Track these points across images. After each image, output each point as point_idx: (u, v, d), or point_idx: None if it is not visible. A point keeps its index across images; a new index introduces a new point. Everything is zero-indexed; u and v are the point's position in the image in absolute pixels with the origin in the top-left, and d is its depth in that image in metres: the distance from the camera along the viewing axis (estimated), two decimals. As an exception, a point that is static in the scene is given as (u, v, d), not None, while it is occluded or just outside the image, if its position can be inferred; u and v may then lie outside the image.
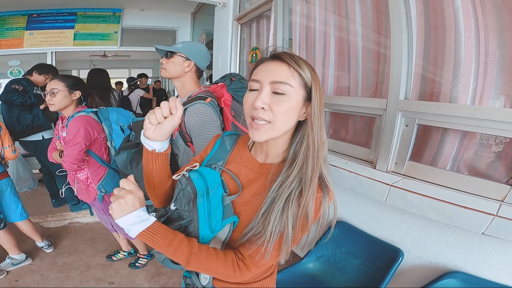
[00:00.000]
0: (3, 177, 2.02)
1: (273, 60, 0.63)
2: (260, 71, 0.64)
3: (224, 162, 0.76)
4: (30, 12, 3.74)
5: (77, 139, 1.56)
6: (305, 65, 0.63)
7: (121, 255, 2.25)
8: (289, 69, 0.61)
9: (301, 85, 0.62)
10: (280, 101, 0.60)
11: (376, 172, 1.29)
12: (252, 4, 2.43)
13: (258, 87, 0.63)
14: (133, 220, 0.60)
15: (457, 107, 1.05)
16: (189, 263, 0.62)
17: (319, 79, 0.65)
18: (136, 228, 0.60)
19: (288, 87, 0.60)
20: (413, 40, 1.17)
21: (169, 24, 4.27)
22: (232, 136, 0.81)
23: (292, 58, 0.62)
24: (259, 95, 0.61)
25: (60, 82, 1.60)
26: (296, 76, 0.61)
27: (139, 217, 0.61)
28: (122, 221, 0.60)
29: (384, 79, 1.35)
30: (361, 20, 1.45)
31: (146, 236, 0.61)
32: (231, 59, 2.75)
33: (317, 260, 1.52)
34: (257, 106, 0.60)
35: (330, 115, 1.71)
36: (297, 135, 0.67)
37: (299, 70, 0.61)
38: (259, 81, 0.62)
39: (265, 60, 0.65)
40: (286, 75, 0.61)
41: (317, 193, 0.64)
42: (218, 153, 0.78)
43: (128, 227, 0.60)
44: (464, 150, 1.11)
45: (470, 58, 1.05)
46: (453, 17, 1.07)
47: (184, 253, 0.62)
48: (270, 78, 0.61)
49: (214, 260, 0.63)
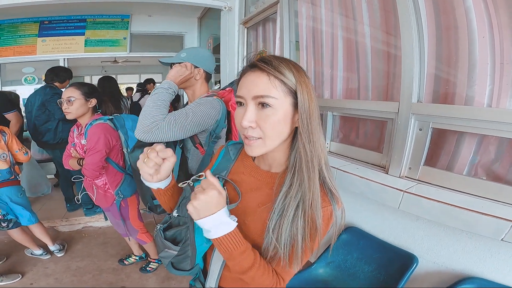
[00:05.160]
0: (13, 184, 2.07)
1: (253, 70, 0.60)
2: (243, 84, 0.61)
3: (228, 172, 0.75)
4: (42, 19, 3.84)
5: (98, 146, 1.59)
6: (286, 68, 0.58)
7: (132, 259, 2.28)
8: (269, 78, 0.57)
9: (286, 92, 0.58)
10: (266, 117, 0.58)
11: (388, 178, 1.25)
12: (257, 8, 2.43)
13: (243, 102, 0.60)
14: (217, 222, 0.57)
15: (474, 109, 1.01)
16: (246, 272, 0.61)
17: (306, 79, 0.60)
18: (219, 231, 0.57)
19: (271, 99, 0.57)
20: (424, 41, 1.13)
21: (176, 29, 4.34)
22: (236, 146, 0.81)
23: (270, 64, 0.57)
24: (245, 114, 0.58)
25: (76, 90, 1.63)
26: (277, 84, 0.57)
27: (222, 219, 0.58)
28: (206, 221, 0.56)
29: (395, 80, 1.32)
30: (368, 21, 1.42)
31: (224, 242, 0.58)
32: (238, 63, 2.75)
33: (327, 266, 1.50)
34: (245, 125, 0.58)
35: (340, 119, 1.69)
36: (295, 143, 0.64)
37: (280, 76, 0.57)
38: (242, 97, 0.60)
39: (246, 70, 0.62)
40: (266, 86, 0.57)
41: (326, 205, 0.62)
42: (222, 163, 0.77)
43: (209, 227, 0.57)
44: (481, 154, 1.07)
45: (486, 58, 1.01)
46: (465, 17, 1.03)
47: (248, 262, 0.60)
48: (252, 93, 0.58)
49: (266, 274, 0.63)
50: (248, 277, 0.62)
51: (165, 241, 0.71)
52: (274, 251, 0.61)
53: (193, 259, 0.71)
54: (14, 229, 2.11)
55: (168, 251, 0.71)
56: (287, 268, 0.62)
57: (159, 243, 0.73)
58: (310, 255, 0.64)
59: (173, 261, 0.73)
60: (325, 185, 0.63)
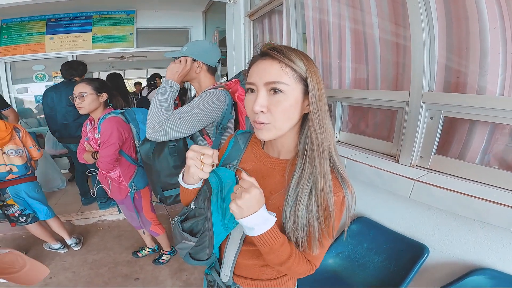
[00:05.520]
0: (31, 180, 2.15)
1: (264, 58, 0.62)
2: (254, 72, 0.63)
3: (239, 160, 0.77)
4: (48, 17, 3.89)
5: (111, 139, 1.64)
6: (297, 57, 0.60)
7: (145, 252, 2.34)
8: (280, 66, 0.59)
9: (297, 79, 0.60)
10: (277, 102, 0.60)
11: (399, 167, 1.24)
12: (263, 0, 2.40)
13: (255, 89, 0.62)
14: (261, 219, 0.59)
15: (486, 98, 0.99)
16: (285, 263, 0.64)
17: (315, 68, 0.62)
18: (262, 228, 0.59)
19: (283, 85, 0.59)
20: (434, 31, 1.11)
21: (181, 24, 4.33)
22: (245, 135, 0.82)
23: (282, 53, 0.60)
24: (256, 99, 0.60)
25: (88, 85, 1.67)
26: (289, 72, 0.59)
27: (264, 215, 0.59)
28: (251, 219, 0.58)
29: (405, 71, 1.30)
30: (376, 12, 1.40)
31: (266, 237, 0.60)
32: (245, 56, 2.73)
33: (337, 256, 1.51)
34: (256, 110, 0.60)
35: (349, 109, 1.67)
36: (304, 129, 0.66)
37: (291, 64, 0.59)
38: (254, 83, 0.62)
39: (257, 59, 0.64)
40: (278, 73, 0.59)
41: (338, 191, 0.64)
42: (232, 152, 0.79)
43: (253, 225, 0.58)
44: (494, 143, 1.05)
45: (497, 48, 0.99)
46: (476, 6, 1.01)
47: (286, 253, 0.63)
48: (264, 79, 0.60)
49: (302, 262, 0.67)
50: (286, 267, 0.65)
51: (183, 232, 0.73)
52: (294, 237, 0.64)
53: (211, 249, 0.74)
54: (32, 224, 2.19)
55: (186, 242, 0.73)
56: (310, 252, 0.65)
57: (177, 235, 0.75)
58: (330, 239, 0.66)
59: (190, 252, 0.76)
60: (335, 170, 0.65)
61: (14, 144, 2.03)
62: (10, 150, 2.01)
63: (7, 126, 1.99)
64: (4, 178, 2.00)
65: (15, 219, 2.12)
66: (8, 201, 2.06)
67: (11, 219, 2.13)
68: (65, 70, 2.76)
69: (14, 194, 2.06)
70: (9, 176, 2.01)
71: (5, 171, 1.99)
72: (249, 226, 0.59)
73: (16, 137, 2.06)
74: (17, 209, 2.09)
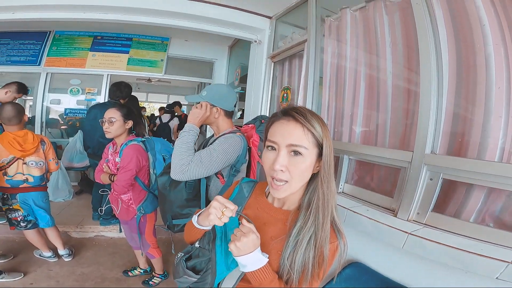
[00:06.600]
0: (41, 190, 2.19)
1: (287, 119, 0.68)
2: (276, 131, 0.70)
3: (242, 207, 0.83)
4: (96, 34, 4.15)
5: (130, 166, 1.74)
6: (316, 122, 0.68)
7: (137, 272, 2.31)
8: (303, 130, 0.66)
9: (314, 144, 0.67)
10: (296, 163, 0.67)
11: (396, 220, 1.27)
12: (285, 44, 2.55)
13: (276, 148, 0.69)
14: (254, 259, 0.67)
15: (484, 164, 1.03)
16: None
17: (328, 133, 0.70)
18: (254, 266, 0.67)
19: (303, 149, 0.66)
20: (443, 92, 1.18)
21: (207, 56, 4.54)
22: (249, 184, 0.89)
23: (305, 117, 0.67)
24: (277, 157, 0.67)
25: (117, 111, 1.79)
26: (309, 136, 0.66)
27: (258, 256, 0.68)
28: (245, 258, 0.66)
29: (413, 123, 1.33)
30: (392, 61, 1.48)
31: (257, 274, 0.67)
32: (263, 96, 2.84)
33: (329, 299, 1.45)
34: (276, 169, 0.67)
35: (356, 163, 1.70)
36: (311, 185, 0.74)
37: (312, 129, 0.66)
38: (276, 142, 0.68)
39: (279, 118, 0.71)
40: (301, 137, 0.66)
41: (333, 241, 0.71)
42: (236, 200, 0.85)
43: (246, 263, 0.67)
44: (489, 205, 1.08)
45: (500, 111, 1.04)
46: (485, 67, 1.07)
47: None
48: (287, 141, 0.66)
49: None
50: None
51: (187, 270, 0.79)
52: (288, 276, 0.70)
53: (212, 285, 0.79)
54: (31, 230, 2.19)
55: (188, 278, 0.80)
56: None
57: (180, 270, 0.81)
58: (319, 281, 0.72)
59: (191, 287, 0.81)
60: (334, 223, 0.72)
61: (37, 156, 2.09)
62: (31, 162, 2.07)
63: (34, 138, 2.06)
64: (18, 186, 2.05)
65: (16, 223, 2.13)
66: (14, 206, 2.08)
67: (12, 223, 2.13)
68: (112, 91, 2.89)
69: (22, 201, 2.09)
70: (23, 184, 2.06)
71: (21, 179, 2.04)
72: (243, 263, 0.67)
73: (41, 149, 2.12)
74: (21, 215, 2.11)
